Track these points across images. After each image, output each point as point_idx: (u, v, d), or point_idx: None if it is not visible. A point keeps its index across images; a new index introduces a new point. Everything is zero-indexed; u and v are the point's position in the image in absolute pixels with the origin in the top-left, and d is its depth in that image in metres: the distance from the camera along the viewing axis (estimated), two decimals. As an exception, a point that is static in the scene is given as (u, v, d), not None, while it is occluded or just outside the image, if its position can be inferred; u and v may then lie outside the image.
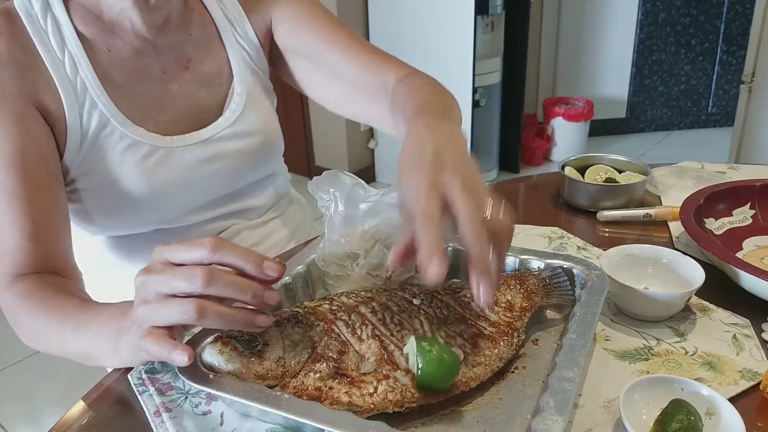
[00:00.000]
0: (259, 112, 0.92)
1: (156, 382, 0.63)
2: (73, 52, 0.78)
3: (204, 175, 0.87)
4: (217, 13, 0.90)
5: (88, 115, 0.79)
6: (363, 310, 0.62)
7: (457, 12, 2.77)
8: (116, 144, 0.80)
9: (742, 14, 3.54)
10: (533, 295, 0.68)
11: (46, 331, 0.68)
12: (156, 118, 0.84)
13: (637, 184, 0.98)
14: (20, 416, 1.93)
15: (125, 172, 0.81)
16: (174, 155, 0.84)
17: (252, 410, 0.57)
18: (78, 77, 0.78)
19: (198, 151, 0.86)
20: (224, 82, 0.90)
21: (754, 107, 2.47)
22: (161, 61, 0.85)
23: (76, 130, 0.79)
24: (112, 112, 0.80)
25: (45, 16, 0.78)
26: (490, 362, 0.60)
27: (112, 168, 0.81)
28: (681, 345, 0.67)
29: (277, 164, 1.01)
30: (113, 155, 0.81)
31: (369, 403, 0.54)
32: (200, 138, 0.87)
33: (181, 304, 0.51)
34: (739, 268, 0.71)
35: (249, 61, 0.92)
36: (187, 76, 0.87)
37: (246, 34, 0.92)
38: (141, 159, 0.82)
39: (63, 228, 0.78)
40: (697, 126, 3.87)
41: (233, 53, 0.91)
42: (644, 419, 0.55)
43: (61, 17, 0.79)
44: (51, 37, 0.78)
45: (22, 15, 0.77)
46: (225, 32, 0.90)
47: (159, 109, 0.84)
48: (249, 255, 0.53)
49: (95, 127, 0.79)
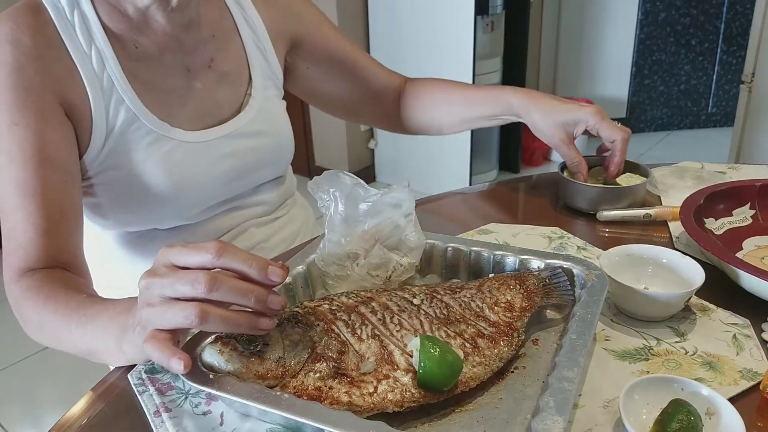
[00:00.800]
0: (273, 114, 0.96)
1: (156, 382, 0.63)
2: (100, 47, 0.79)
3: (223, 171, 0.89)
4: (237, 14, 0.93)
5: (115, 110, 0.80)
6: (363, 310, 0.62)
7: (457, 12, 2.77)
8: (142, 139, 0.82)
9: (742, 14, 3.54)
10: (533, 295, 0.68)
11: (52, 326, 0.68)
12: (179, 115, 0.85)
13: (637, 186, 0.98)
14: (20, 416, 1.93)
15: (150, 167, 0.82)
16: (197, 151, 0.86)
17: (252, 410, 0.57)
18: (105, 72, 0.79)
19: (219, 146, 0.88)
20: (242, 81, 0.93)
21: (754, 107, 2.47)
22: (186, 60, 0.86)
23: (102, 125, 0.79)
24: (139, 108, 0.81)
25: (72, 10, 0.78)
26: (489, 362, 0.60)
27: (137, 163, 0.82)
28: (681, 345, 0.67)
29: (286, 166, 1.04)
30: (139, 150, 0.82)
31: (369, 403, 0.54)
32: (222, 133, 0.89)
33: (183, 309, 0.51)
34: (739, 268, 0.71)
35: (265, 66, 0.95)
36: (210, 74, 0.89)
37: (265, 42, 0.95)
38: (166, 154, 0.83)
39: (75, 225, 0.78)
40: (697, 126, 3.87)
41: (251, 55, 0.94)
42: (644, 419, 0.55)
43: (89, 12, 0.79)
44: (78, 32, 0.78)
45: (49, 8, 0.77)
46: (244, 33, 0.93)
47: (182, 105, 0.86)
48: (253, 260, 0.53)
49: (122, 122, 0.80)
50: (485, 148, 3.16)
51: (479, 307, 0.65)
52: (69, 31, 0.78)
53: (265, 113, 0.94)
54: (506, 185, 1.15)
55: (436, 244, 0.78)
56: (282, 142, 0.97)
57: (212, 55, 0.89)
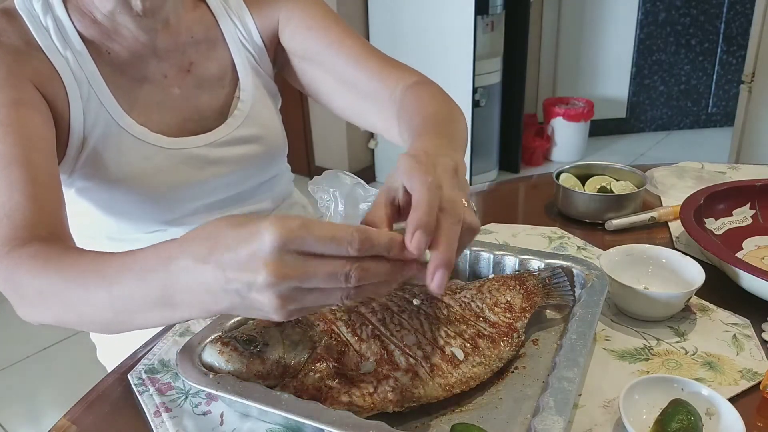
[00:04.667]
0: (264, 116, 0.91)
1: (156, 382, 0.63)
2: (77, 50, 0.78)
3: (207, 179, 0.87)
4: (221, 13, 0.89)
5: (93, 112, 0.78)
6: (363, 311, 0.62)
7: (457, 12, 2.77)
8: (120, 145, 0.80)
9: (742, 14, 3.54)
10: (533, 296, 0.68)
11: (58, 289, 0.57)
12: (159, 121, 0.83)
13: (630, 194, 0.95)
14: (20, 416, 1.93)
15: (127, 173, 0.81)
16: (176, 158, 0.84)
17: (252, 410, 0.57)
18: (83, 73, 0.78)
19: (201, 154, 0.85)
20: (228, 85, 0.89)
21: (754, 107, 2.47)
22: (162, 66, 0.84)
23: (79, 128, 0.78)
24: (118, 112, 0.80)
25: (46, 16, 0.77)
26: (490, 362, 0.60)
27: (115, 169, 0.80)
28: (681, 345, 0.67)
29: (280, 166, 1.00)
30: (116, 156, 0.80)
31: (369, 403, 0.54)
32: (205, 141, 0.86)
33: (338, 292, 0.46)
34: (739, 268, 0.71)
35: (254, 63, 0.91)
36: (189, 79, 0.86)
37: (250, 35, 0.91)
38: (143, 160, 0.81)
39: (60, 197, 0.71)
40: (697, 126, 3.87)
41: (237, 55, 0.89)
42: (644, 419, 0.55)
43: (63, 18, 0.78)
44: (53, 36, 0.77)
45: (23, 14, 0.76)
46: (229, 33, 0.89)
47: (161, 112, 0.84)
48: (394, 245, 0.46)
49: (99, 126, 0.79)
50: (485, 148, 3.16)
51: (479, 307, 0.65)
52: (44, 36, 0.76)
53: (255, 117, 0.90)
54: (506, 185, 1.15)
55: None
56: (273, 144, 0.93)
57: (191, 59, 0.86)
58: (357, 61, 0.88)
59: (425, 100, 0.80)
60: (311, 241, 0.44)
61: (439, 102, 0.79)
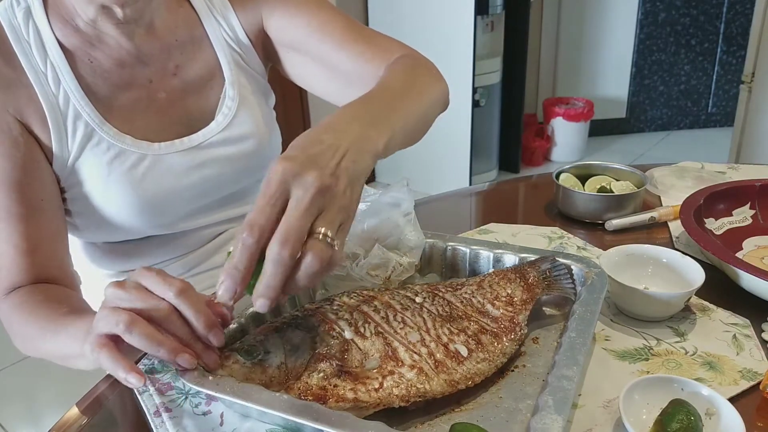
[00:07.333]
0: (253, 115, 0.89)
1: (156, 382, 0.63)
2: (55, 62, 0.77)
3: (195, 182, 0.85)
4: (205, 13, 0.87)
5: (73, 126, 0.78)
6: (365, 309, 0.62)
7: (457, 12, 2.77)
8: (103, 154, 0.79)
9: (742, 14, 3.54)
10: (534, 287, 0.68)
11: (33, 337, 0.71)
12: (144, 127, 0.82)
13: (630, 194, 0.95)
14: (20, 416, 1.93)
15: (113, 182, 0.80)
16: (163, 162, 0.82)
17: (251, 411, 0.57)
18: (61, 88, 0.77)
19: (188, 157, 0.84)
20: (215, 86, 0.87)
21: (754, 107, 2.47)
22: (147, 71, 0.82)
23: (62, 143, 0.77)
24: (98, 122, 0.79)
25: (27, 25, 0.76)
26: (494, 358, 0.60)
27: (100, 179, 0.79)
28: (681, 345, 0.67)
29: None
30: (100, 166, 0.79)
31: (375, 398, 0.54)
32: (190, 144, 0.84)
33: (118, 315, 0.54)
34: (739, 268, 0.71)
35: (240, 61, 0.89)
36: (175, 82, 0.84)
37: (236, 34, 0.88)
38: (129, 168, 0.80)
39: (59, 240, 0.79)
40: (697, 126, 3.87)
41: (223, 55, 0.87)
42: (644, 419, 0.55)
43: (43, 27, 0.77)
44: (33, 48, 0.76)
45: (5, 25, 0.76)
46: (213, 33, 0.87)
47: (147, 117, 0.83)
48: (202, 316, 0.55)
49: (81, 138, 0.78)
50: (485, 147, 3.16)
51: (480, 302, 0.65)
52: (24, 48, 0.76)
53: (244, 115, 0.88)
54: (506, 185, 1.15)
55: (435, 243, 0.78)
56: (262, 143, 0.90)
57: (177, 62, 0.84)
58: (341, 45, 0.85)
59: (390, 72, 0.78)
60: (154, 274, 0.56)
61: (400, 73, 0.77)
